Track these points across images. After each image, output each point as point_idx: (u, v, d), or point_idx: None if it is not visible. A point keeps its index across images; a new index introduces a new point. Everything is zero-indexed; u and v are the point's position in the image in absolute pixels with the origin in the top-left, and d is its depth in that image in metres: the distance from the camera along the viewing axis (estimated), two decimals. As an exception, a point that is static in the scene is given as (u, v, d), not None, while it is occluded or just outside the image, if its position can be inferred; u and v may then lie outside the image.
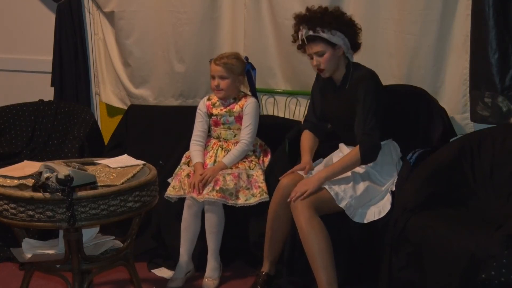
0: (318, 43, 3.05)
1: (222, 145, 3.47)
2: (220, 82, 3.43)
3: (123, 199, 2.52)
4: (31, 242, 2.67)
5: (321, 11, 3.06)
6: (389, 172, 3.13)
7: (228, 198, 3.29)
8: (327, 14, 3.05)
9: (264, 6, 3.87)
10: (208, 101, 3.56)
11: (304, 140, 3.31)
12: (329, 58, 3.07)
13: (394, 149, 3.22)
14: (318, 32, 3.02)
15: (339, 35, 3.04)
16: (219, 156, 3.42)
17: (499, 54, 3.22)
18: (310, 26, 3.05)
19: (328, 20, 3.02)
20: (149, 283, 3.35)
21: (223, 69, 3.42)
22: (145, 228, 3.54)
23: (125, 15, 4.23)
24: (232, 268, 3.53)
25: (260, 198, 3.31)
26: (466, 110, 3.42)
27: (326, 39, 3.03)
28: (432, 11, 3.41)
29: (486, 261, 2.43)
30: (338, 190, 2.95)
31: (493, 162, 3.08)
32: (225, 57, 3.47)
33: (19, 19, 4.67)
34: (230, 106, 3.49)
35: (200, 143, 3.50)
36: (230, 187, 3.28)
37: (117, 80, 4.43)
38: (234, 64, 3.46)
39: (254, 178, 3.35)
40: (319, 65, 3.08)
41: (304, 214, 2.89)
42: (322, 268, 2.87)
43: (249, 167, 3.38)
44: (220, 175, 3.31)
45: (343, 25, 3.05)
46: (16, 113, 4.23)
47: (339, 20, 3.05)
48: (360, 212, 3.00)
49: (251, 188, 3.33)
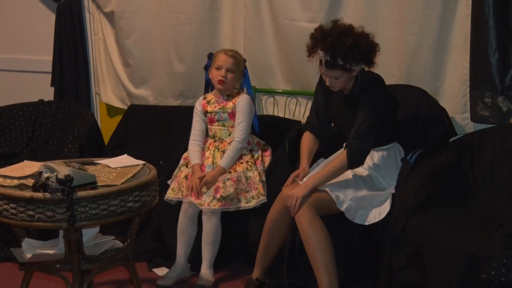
0: (335, 69, 2.94)
1: (218, 146, 3.45)
2: (227, 74, 3.41)
3: (123, 199, 2.51)
4: (31, 242, 2.66)
5: (349, 45, 2.86)
6: (393, 176, 3.12)
7: (229, 204, 3.29)
8: (354, 46, 2.87)
9: (264, 6, 3.87)
10: (204, 99, 3.55)
11: (304, 143, 3.30)
12: (344, 81, 3.01)
13: (399, 152, 3.21)
14: (337, 62, 2.91)
15: (358, 66, 2.96)
16: (216, 157, 3.40)
17: (499, 54, 3.22)
18: (331, 54, 2.89)
19: (351, 54, 2.88)
20: (149, 283, 3.35)
21: (233, 62, 3.42)
22: (145, 228, 3.54)
23: (125, 15, 4.23)
24: (232, 268, 3.53)
25: (257, 201, 3.31)
26: (466, 110, 3.42)
27: (345, 67, 2.93)
28: (432, 11, 3.41)
29: (486, 261, 2.43)
30: (339, 193, 2.95)
31: (493, 162, 3.08)
32: (233, 51, 3.49)
33: (19, 19, 4.67)
34: (223, 103, 3.48)
35: (198, 143, 3.49)
36: (230, 193, 3.28)
37: (117, 80, 4.43)
38: (241, 61, 3.49)
39: (252, 179, 3.35)
40: (333, 86, 3.03)
41: (305, 215, 2.90)
42: (323, 268, 2.87)
43: (246, 168, 3.37)
44: (220, 181, 3.30)
45: (364, 56, 2.93)
46: (16, 113, 4.23)
47: (365, 55, 2.92)
48: (361, 214, 3.00)
49: (250, 191, 3.33)
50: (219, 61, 3.44)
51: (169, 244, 3.47)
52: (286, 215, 3.01)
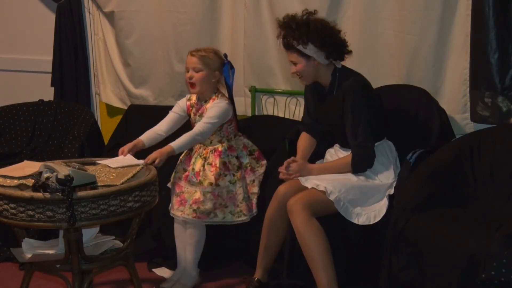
0: (292, 53, 3.06)
1: (201, 153, 3.32)
2: (193, 74, 3.23)
3: (123, 199, 2.52)
4: (31, 242, 2.67)
5: (299, 22, 3.02)
6: (386, 174, 3.11)
7: (204, 217, 3.22)
8: (303, 26, 3.00)
9: (264, 6, 3.87)
10: (188, 101, 3.39)
11: (300, 143, 3.32)
12: (303, 68, 3.06)
13: (389, 147, 3.21)
14: (290, 43, 3.02)
15: (311, 48, 3.00)
16: (196, 164, 3.29)
17: (499, 54, 3.22)
18: (284, 35, 3.04)
19: (301, 33, 2.98)
20: (149, 283, 3.35)
21: (198, 60, 3.22)
22: (145, 228, 3.54)
23: (125, 15, 4.23)
24: (232, 268, 3.53)
25: (238, 220, 3.26)
26: (466, 110, 3.42)
27: (300, 50, 3.02)
28: (432, 11, 3.41)
29: (486, 261, 2.43)
30: (327, 184, 2.95)
31: (493, 162, 3.08)
32: (202, 50, 3.28)
33: (19, 19, 4.67)
34: (201, 109, 3.30)
35: (157, 128, 3.31)
36: (207, 207, 3.21)
37: (117, 80, 4.43)
38: (211, 58, 3.26)
39: (233, 195, 3.26)
40: (296, 73, 3.10)
41: (300, 216, 2.89)
42: (322, 269, 2.87)
43: (230, 181, 3.27)
44: (200, 193, 3.21)
45: (318, 40, 2.99)
46: (16, 113, 4.24)
47: (314, 34, 2.99)
48: (356, 213, 2.99)
49: (230, 206, 3.26)
50: (186, 63, 3.29)
51: (169, 244, 3.47)
52: (283, 213, 3.00)
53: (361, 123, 3.00)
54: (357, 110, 3.00)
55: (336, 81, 3.09)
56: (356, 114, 3.00)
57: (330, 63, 3.09)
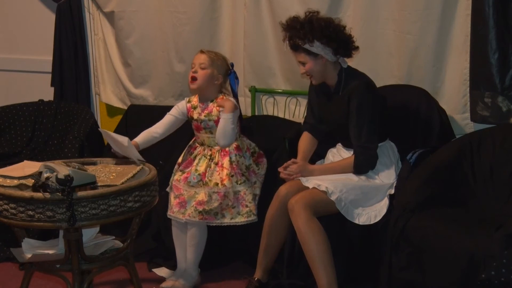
0: (300, 53, 3.07)
1: (207, 154, 3.31)
2: (198, 70, 3.25)
3: (123, 199, 2.52)
4: (31, 242, 2.66)
5: (302, 22, 3.04)
6: (388, 175, 3.12)
7: (211, 218, 3.21)
8: (307, 25, 3.02)
9: (264, 6, 3.87)
10: (188, 103, 3.38)
11: (300, 142, 3.32)
12: (312, 67, 3.07)
13: (391, 148, 3.21)
14: (297, 43, 3.04)
15: (317, 45, 3.01)
16: (201, 165, 3.28)
17: (499, 54, 3.22)
18: (289, 36, 3.06)
19: (306, 32, 3.00)
20: (149, 283, 3.35)
21: (207, 58, 3.25)
22: (145, 228, 3.54)
23: (125, 15, 4.23)
24: (232, 268, 3.53)
25: (247, 219, 3.24)
26: (466, 110, 3.42)
27: (307, 49, 3.03)
28: (432, 11, 3.41)
29: (486, 261, 2.43)
30: (328, 184, 2.96)
31: (493, 162, 3.08)
32: (213, 52, 3.33)
33: (19, 19, 4.67)
34: (208, 109, 3.30)
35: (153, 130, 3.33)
36: (214, 207, 3.20)
37: (117, 80, 4.43)
38: (220, 61, 3.30)
39: (241, 195, 3.24)
40: (306, 73, 3.11)
41: (301, 216, 2.89)
42: (322, 269, 2.87)
43: (236, 182, 3.25)
44: (205, 194, 3.21)
45: (324, 37, 3.00)
46: (16, 113, 4.24)
47: (318, 31, 3.00)
48: (357, 213, 2.99)
49: (237, 206, 3.24)
50: (194, 59, 3.30)
51: (169, 244, 3.47)
52: (284, 213, 3.00)
53: (365, 124, 3.00)
54: (362, 111, 3.00)
55: (343, 81, 3.10)
56: (360, 115, 3.00)
57: (337, 61, 3.10)
